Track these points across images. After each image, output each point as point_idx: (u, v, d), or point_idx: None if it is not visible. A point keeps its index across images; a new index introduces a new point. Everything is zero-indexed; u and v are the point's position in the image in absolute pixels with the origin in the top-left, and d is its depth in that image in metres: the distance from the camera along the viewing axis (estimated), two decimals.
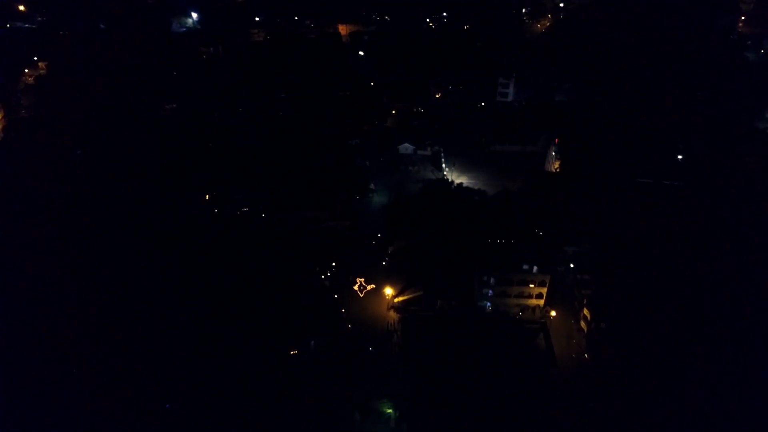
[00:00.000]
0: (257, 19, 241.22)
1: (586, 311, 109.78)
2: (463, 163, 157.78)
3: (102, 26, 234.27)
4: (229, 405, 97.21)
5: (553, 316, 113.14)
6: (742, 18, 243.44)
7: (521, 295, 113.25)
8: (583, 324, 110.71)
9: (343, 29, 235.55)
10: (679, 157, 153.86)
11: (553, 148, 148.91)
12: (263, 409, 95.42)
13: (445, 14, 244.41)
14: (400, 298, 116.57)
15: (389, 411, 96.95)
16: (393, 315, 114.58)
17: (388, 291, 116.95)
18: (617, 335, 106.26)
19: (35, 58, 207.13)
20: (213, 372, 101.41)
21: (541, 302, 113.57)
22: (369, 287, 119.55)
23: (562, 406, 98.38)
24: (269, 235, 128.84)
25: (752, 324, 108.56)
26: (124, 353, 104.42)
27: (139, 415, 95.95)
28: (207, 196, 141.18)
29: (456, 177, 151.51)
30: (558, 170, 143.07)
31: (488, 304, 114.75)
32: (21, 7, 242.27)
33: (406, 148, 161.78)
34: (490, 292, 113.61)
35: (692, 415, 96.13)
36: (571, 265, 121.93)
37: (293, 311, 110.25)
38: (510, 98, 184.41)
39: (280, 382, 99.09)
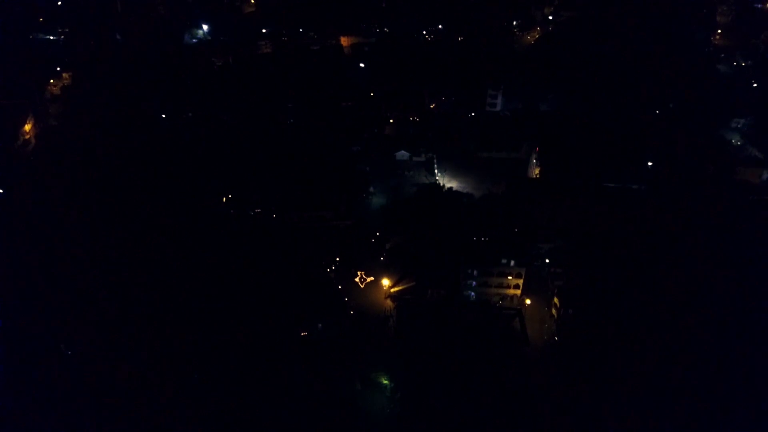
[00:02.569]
0: (264, 30, 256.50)
1: (556, 300, 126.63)
2: (453, 169, 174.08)
3: (119, 37, 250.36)
4: (247, 379, 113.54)
5: (528, 304, 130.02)
6: (719, 31, 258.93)
7: (501, 286, 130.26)
8: (554, 311, 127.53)
9: (344, 41, 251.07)
10: (649, 163, 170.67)
11: (534, 156, 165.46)
12: (279, 380, 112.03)
13: (440, 26, 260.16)
14: (396, 288, 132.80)
15: (386, 382, 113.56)
16: (389, 303, 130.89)
17: (385, 282, 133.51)
18: (582, 320, 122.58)
19: (58, 69, 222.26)
20: (234, 352, 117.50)
21: (518, 292, 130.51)
22: (369, 279, 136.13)
23: (534, 379, 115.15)
24: (280, 232, 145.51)
25: (700, 312, 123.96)
26: (157, 335, 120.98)
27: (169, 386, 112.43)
28: (224, 199, 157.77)
29: (447, 181, 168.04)
30: (538, 176, 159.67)
31: (472, 293, 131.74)
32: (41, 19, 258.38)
33: (403, 154, 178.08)
34: (474, 282, 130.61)
35: (644, 387, 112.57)
36: (546, 260, 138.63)
37: (303, 299, 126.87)
38: (498, 108, 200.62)
39: (294, 359, 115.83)
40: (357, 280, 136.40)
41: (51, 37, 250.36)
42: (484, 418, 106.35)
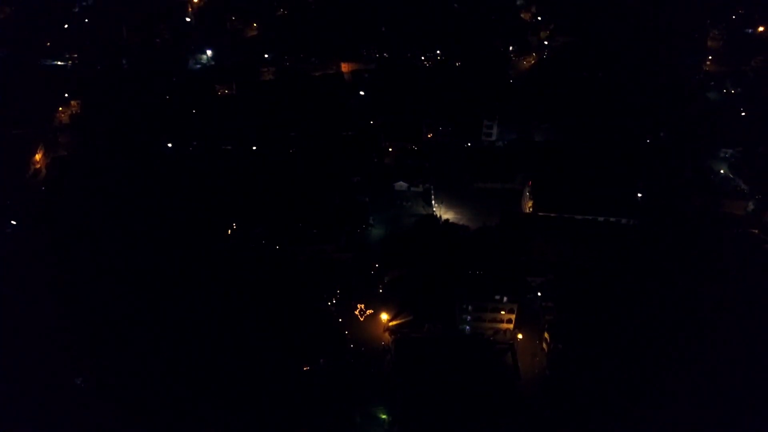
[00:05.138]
0: (266, 56, 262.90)
1: (546, 334, 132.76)
2: (450, 199, 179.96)
3: (124, 62, 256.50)
4: (250, 411, 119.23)
5: (521, 338, 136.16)
6: (710, 57, 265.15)
7: (494, 320, 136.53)
8: (544, 345, 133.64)
9: (345, 67, 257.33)
10: (639, 195, 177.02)
11: (527, 189, 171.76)
12: (282, 414, 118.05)
13: (438, 51, 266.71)
14: (394, 322, 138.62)
15: (384, 416, 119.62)
16: (388, 336, 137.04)
17: (384, 316, 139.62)
18: (572, 355, 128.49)
19: (66, 95, 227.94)
20: (235, 385, 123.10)
21: (511, 326, 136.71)
22: (368, 312, 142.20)
23: (526, 412, 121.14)
24: (284, 266, 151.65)
25: (690, 347, 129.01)
26: (160, 374, 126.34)
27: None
28: (229, 231, 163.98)
29: (444, 212, 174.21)
30: (531, 209, 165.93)
31: (467, 327, 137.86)
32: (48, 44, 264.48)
33: (401, 185, 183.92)
34: (469, 317, 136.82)
35: (634, 422, 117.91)
36: (539, 294, 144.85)
37: (305, 333, 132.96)
38: (494, 137, 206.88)
39: (297, 393, 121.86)
40: (357, 312, 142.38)
41: (59, 63, 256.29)
42: None
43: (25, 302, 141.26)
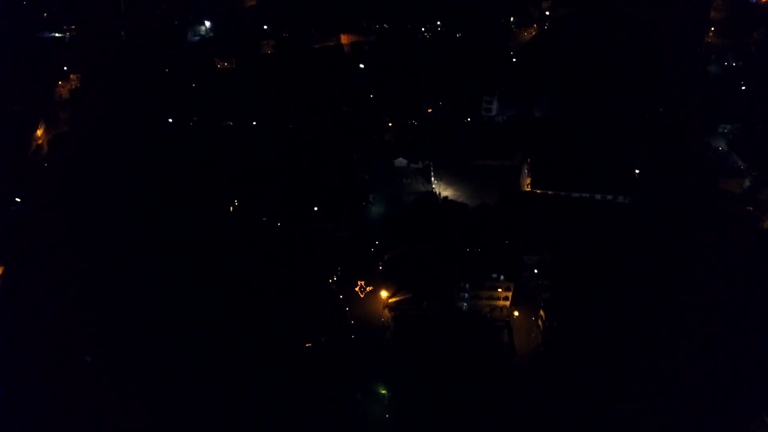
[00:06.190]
0: (265, 27, 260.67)
1: (542, 312, 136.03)
2: (449, 176, 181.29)
3: (122, 34, 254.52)
4: (252, 390, 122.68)
5: (517, 316, 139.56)
6: (712, 29, 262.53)
7: (491, 298, 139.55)
8: (540, 322, 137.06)
9: (345, 39, 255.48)
10: (636, 171, 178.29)
11: (526, 166, 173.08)
12: (284, 391, 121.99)
13: (439, 23, 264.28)
14: (394, 299, 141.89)
15: (384, 392, 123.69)
16: (387, 313, 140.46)
17: (384, 293, 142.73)
18: (567, 333, 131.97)
19: (65, 68, 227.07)
20: (238, 362, 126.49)
21: (507, 303, 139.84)
22: (368, 289, 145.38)
23: (520, 388, 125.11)
24: (285, 244, 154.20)
25: (687, 325, 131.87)
26: (158, 342, 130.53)
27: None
28: (231, 208, 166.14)
29: (443, 189, 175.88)
30: (529, 187, 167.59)
31: (464, 304, 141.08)
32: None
33: (401, 161, 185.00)
34: (466, 295, 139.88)
35: (626, 398, 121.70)
36: (535, 271, 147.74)
37: (308, 311, 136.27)
38: (494, 112, 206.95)
39: (297, 369, 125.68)
40: (357, 290, 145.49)
41: (57, 35, 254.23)
42: (475, 425, 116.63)
43: (32, 280, 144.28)
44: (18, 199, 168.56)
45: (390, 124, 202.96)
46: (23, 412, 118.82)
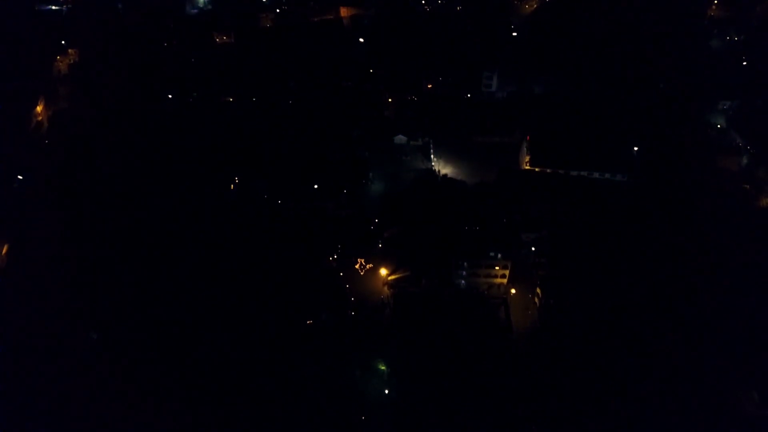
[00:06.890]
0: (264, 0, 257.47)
1: (539, 289, 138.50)
2: (448, 153, 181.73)
3: (119, 6, 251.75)
4: (253, 366, 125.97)
5: (513, 293, 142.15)
6: (715, 1, 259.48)
7: (488, 276, 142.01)
8: (536, 299, 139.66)
9: (344, 11, 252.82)
10: (635, 149, 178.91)
11: (525, 144, 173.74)
12: (285, 368, 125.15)
13: None
14: (393, 277, 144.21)
15: (383, 368, 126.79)
16: (387, 290, 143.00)
17: (383, 271, 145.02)
18: (563, 310, 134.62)
19: (63, 43, 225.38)
20: (239, 339, 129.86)
21: (505, 281, 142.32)
22: (368, 267, 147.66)
23: (517, 364, 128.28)
24: (286, 222, 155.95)
25: (682, 302, 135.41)
26: (162, 321, 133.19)
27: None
28: (232, 186, 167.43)
29: (442, 167, 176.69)
30: (528, 164, 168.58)
31: (462, 282, 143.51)
32: None
33: (401, 138, 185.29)
34: (464, 272, 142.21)
35: (620, 373, 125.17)
36: (533, 249, 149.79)
37: (309, 288, 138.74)
38: (493, 89, 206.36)
39: (298, 346, 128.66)
40: (357, 267, 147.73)
41: (54, 7, 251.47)
42: (473, 400, 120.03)
43: (36, 257, 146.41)
44: (20, 177, 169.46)
45: (390, 100, 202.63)
46: (27, 389, 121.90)
